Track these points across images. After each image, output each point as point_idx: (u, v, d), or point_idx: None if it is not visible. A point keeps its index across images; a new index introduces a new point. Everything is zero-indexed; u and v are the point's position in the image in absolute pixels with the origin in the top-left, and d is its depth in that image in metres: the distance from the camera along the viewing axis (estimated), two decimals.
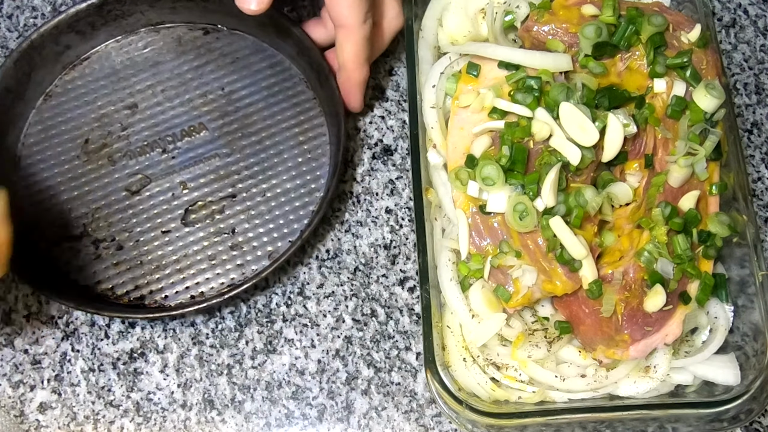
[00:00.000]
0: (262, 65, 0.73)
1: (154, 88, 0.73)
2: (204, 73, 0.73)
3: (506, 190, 0.58)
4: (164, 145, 0.71)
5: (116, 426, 0.65)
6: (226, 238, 0.68)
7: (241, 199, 0.69)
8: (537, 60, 0.61)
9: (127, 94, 0.73)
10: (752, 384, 0.58)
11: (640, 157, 0.62)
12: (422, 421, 0.65)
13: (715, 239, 0.60)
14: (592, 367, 0.60)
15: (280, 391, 0.65)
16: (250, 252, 0.68)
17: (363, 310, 0.68)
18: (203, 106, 0.72)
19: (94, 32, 0.73)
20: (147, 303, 0.67)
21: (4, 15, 0.78)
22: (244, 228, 0.69)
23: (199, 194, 0.70)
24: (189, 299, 0.67)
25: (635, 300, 0.58)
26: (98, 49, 0.74)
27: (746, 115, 0.75)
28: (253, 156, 0.71)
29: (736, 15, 0.79)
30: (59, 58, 0.72)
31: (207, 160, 0.71)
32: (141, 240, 0.68)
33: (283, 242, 0.68)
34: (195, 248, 0.68)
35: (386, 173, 0.72)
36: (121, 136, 0.71)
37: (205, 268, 0.68)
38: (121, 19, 0.73)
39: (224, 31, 0.74)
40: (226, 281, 0.67)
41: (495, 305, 0.60)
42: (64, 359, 0.66)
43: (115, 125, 0.72)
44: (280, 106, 0.72)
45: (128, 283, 0.67)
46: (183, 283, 0.67)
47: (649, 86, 0.62)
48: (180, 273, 0.67)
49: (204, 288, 0.67)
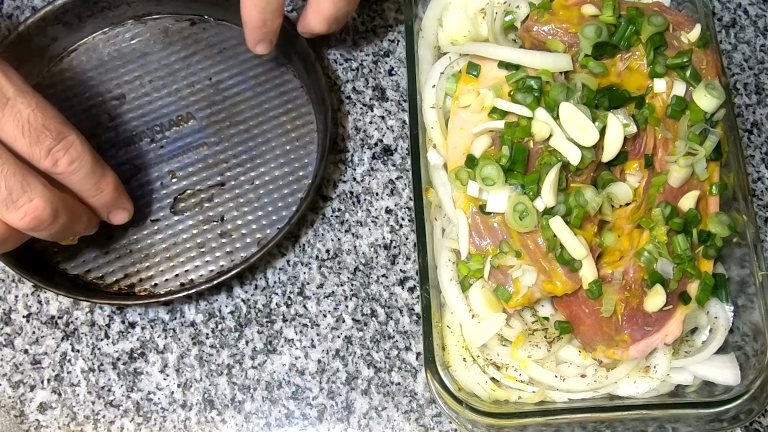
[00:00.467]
0: (248, 55, 0.73)
1: (141, 79, 0.73)
2: (191, 63, 0.74)
3: (506, 190, 0.58)
4: (152, 135, 0.71)
5: (116, 426, 0.65)
6: (215, 226, 0.69)
7: (229, 187, 0.70)
8: (537, 60, 0.61)
9: (114, 85, 0.73)
10: (752, 384, 0.58)
11: (640, 157, 0.62)
12: (422, 421, 0.65)
13: (715, 239, 0.60)
14: (592, 367, 0.60)
15: (280, 391, 0.65)
16: (239, 239, 0.68)
17: (363, 310, 0.68)
18: (191, 96, 0.73)
19: (81, 24, 0.73)
20: (137, 291, 0.67)
21: (3, 15, 0.78)
22: (233, 215, 0.69)
23: (188, 183, 0.70)
24: (179, 286, 0.67)
25: (635, 300, 0.58)
26: (85, 41, 0.74)
27: (746, 115, 0.75)
28: (241, 144, 0.71)
29: (736, 15, 0.79)
30: (46, 50, 0.73)
31: (195, 149, 0.71)
32: (130, 229, 0.68)
33: (272, 229, 0.68)
34: (184, 236, 0.69)
35: (386, 173, 0.72)
36: (109, 127, 0.72)
37: (195, 256, 0.68)
38: (108, 10, 0.73)
39: (210, 22, 0.75)
40: (216, 268, 0.68)
41: (495, 305, 0.60)
42: (64, 359, 0.66)
43: (103, 116, 0.72)
44: (268, 95, 0.72)
45: (118, 271, 0.67)
46: (173, 270, 0.68)
47: (649, 86, 0.62)
48: (169, 261, 0.68)
49: (193, 275, 0.67)
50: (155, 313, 0.68)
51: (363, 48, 0.76)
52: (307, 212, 0.71)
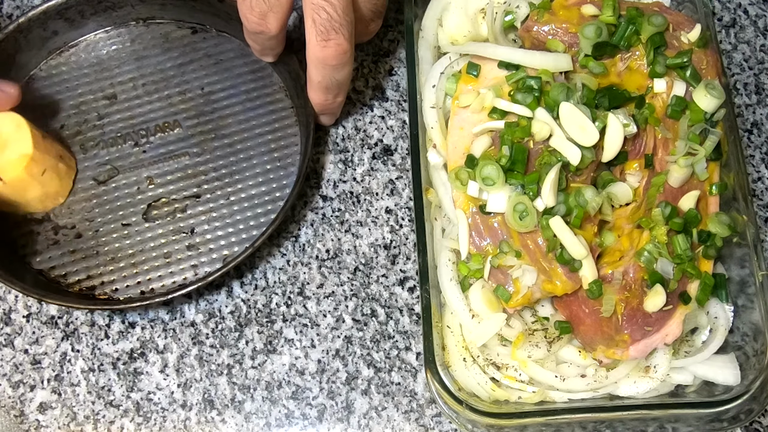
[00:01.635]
0: (244, 69, 0.73)
1: (135, 81, 0.73)
2: (186, 71, 0.74)
3: (506, 190, 0.58)
4: (137, 139, 0.72)
5: (116, 426, 0.65)
6: (183, 238, 0.69)
7: (204, 200, 0.69)
8: (537, 60, 0.61)
9: (108, 84, 0.73)
10: (752, 384, 0.58)
11: (640, 157, 0.62)
12: (422, 421, 0.65)
13: (715, 239, 0.60)
14: (592, 367, 0.60)
15: (280, 391, 0.65)
16: (206, 253, 0.68)
17: (363, 310, 0.68)
18: (181, 103, 0.73)
19: (83, 21, 0.73)
20: (97, 294, 0.67)
21: (4, 15, 0.78)
22: (203, 229, 0.69)
23: (164, 191, 0.70)
24: (139, 294, 0.67)
25: (635, 300, 0.58)
26: (86, 38, 0.75)
27: (746, 115, 0.75)
28: (223, 158, 0.71)
29: (736, 15, 0.79)
30: (46, 43, 0.73)
31: (177, 157, 0.71)
32: (100, 230, 0.68)
33: (240, 247, 0.68)
34: (152, 244, 0.68)
35: (386, 173, 0.72)
36: (96, 125, 0.72)
37: (159, 265, 0.68)
38: (111, 10, 0.73)
39: (212, 32, 0.75)
40: (179, 280, 0.67)
41: (495, 305, 0.60)
42: (64, 359, 0.66)
43: (91, 114, 0.72)
44: (257, 112, 0.72)
45: (81, 271, 0.67)
46: (135, 277, 0.67)
47: (649, 86, 0.62)
48: (133, 267, 0.68)
49: (155, 285, 0.67)
50: (155, 313, 0.68)
51: (363, 48, 0.76)
52: (308, 212, 0.71)
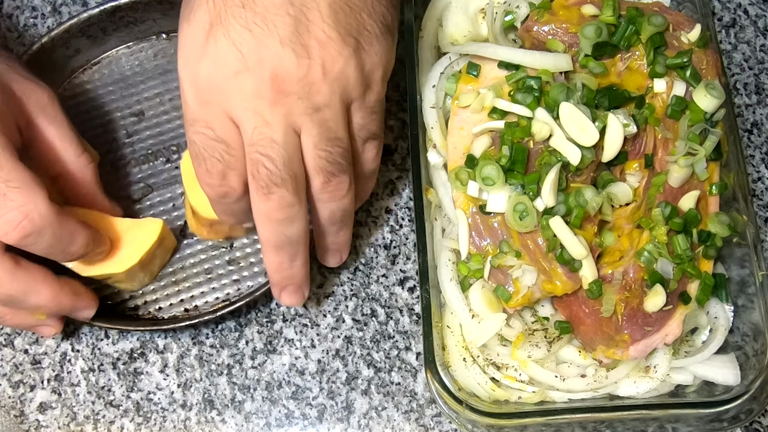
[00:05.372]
0: None
1: (161, 97, 0.72)
2: None
3: (506, 190, 0.58)
4: (168, 155, 0.71)
5: (116, 426, 0.65)
6: (223, 252, 0.68)
7: None
8: (537, 60, 0.61)
9: (134, 101, 0.72)
10: (752, 384, 0.58)
11: (640, 157, 0.62)
12: (422, 421, 0.65)
13: (715, 239, 0.60)
14: (592, 367, 0.60)
15: (280, 391, 0.65)
16: (247, 267, 0.67)
17: (363, 310, 0.68)
18: None
19: (105, 37, 0.72)
20: (141, 314, 0.66)
21: (4, 15, 0.78)
22: (242, 242, 0.68)
23: None
24: (183, 312, 0.66)
25: (635, 300, 0.58)
26: (109, 54, 0.73)
27: (746, 115, 0.75)
28: None
29: (736, 15, 0.79)
30: (69, 61, 0.72)
31: None
32: None
33: None
34: (192, 261, 0.67)
35: (386, 173, 0.72)
36: (126, 143, 0.71)
37: (201, 282, 0.67)
38: (133, 25, 0.72)
39: None
40: (221, 296, 0.67)
41: (495, 305, 0.60)
42: (64, 359, 0.66)
43: (120, 132, 0.71)
44: None
45: (124, 292, 0.66)
46: (178, 295, 0.66)
47: (649, 86, 0.62)
48: (175, 285, 0.67)
49: (198, 302, 0.66)
50: None
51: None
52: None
